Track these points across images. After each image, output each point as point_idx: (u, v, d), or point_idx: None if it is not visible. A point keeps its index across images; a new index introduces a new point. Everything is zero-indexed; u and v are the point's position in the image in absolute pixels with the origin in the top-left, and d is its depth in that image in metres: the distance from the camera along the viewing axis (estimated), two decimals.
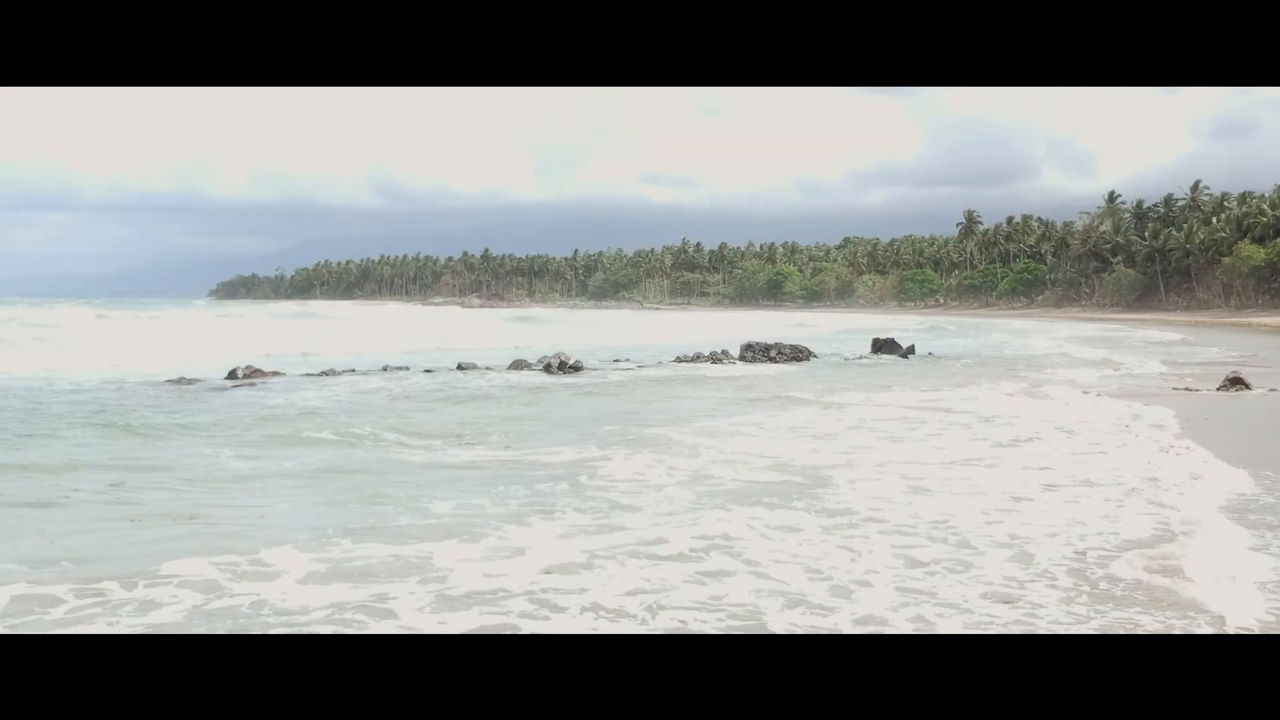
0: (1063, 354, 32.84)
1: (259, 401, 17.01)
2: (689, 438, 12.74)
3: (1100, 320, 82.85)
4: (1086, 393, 18.86)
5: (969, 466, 10.80)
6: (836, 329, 59.30)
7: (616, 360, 27.88)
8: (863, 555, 7.10)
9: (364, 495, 9.27)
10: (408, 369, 23.49)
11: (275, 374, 21.78)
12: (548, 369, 23.55)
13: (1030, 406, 16.60)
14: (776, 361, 27.65)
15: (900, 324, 67.68)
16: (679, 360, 27.24)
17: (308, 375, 21.75)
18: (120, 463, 10.80)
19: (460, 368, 23.99)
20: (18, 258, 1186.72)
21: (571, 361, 24.02)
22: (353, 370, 22.95)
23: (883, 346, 31.35)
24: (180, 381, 20.00)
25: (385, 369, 23.40)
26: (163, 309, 79.66)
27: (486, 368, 24.16)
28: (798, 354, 28.86)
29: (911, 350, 31.12)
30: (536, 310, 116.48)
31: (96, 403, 16.38)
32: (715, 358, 27.44)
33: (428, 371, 23.09)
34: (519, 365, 24.44)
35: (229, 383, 20.34)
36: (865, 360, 29.26)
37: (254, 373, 21.47)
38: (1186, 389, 19.44)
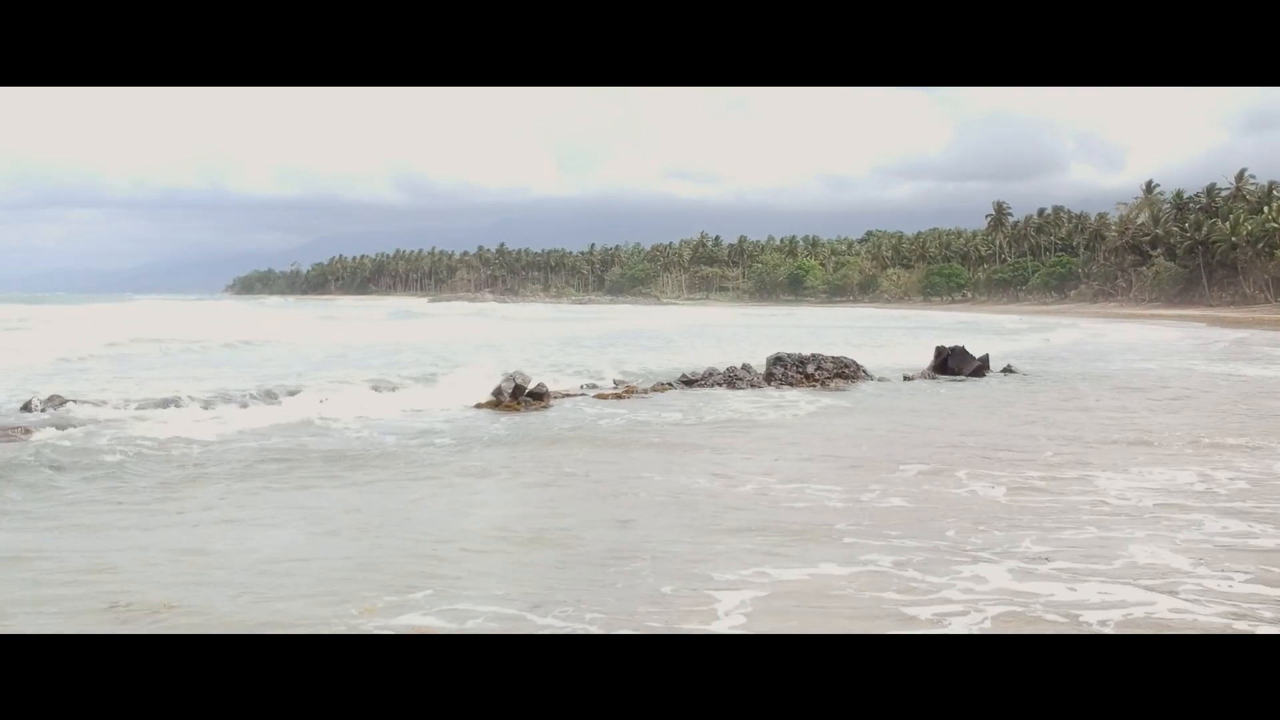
0: (1212, 370, 25.61)
1: None
2: None
3: (1147, 317, 74.79)
4: None
5: None
6: (863, 329, 52.14)
7: (604, 377, 21.05)
8: None
9: None
10: (294, 394, 16.60)
11: (96, 404, 15.04)
12: (496, 399, 16.71)
13: None
14: (816, 381, 20.59)
15: (935, 321, 60.49)
16: (685, 382, 20.23)
17: (140, 411, 14.92)
18: None
19: (377, 389, 17.25)
20: (40, 254, 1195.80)
21: (531, 387, 17.16)
22: (229, 400, 16.12)
23: (949, 359, 24.21)
24: None
25: (267, 391, 16.56)
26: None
27: (419, 393, 17.38)
28: (843, 369, 21.81)
29: (986, 364, 24.00)
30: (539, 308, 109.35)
31: None
32: (733, 376, 20.41)
33: (320, 400, 16.25)
34: (463, 386, 17.66)
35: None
36: (942, 383, 21.92)
37: (58, 404, 14.76)
38: None
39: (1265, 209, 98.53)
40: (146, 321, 45.23)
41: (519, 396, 16.60)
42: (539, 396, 16.88)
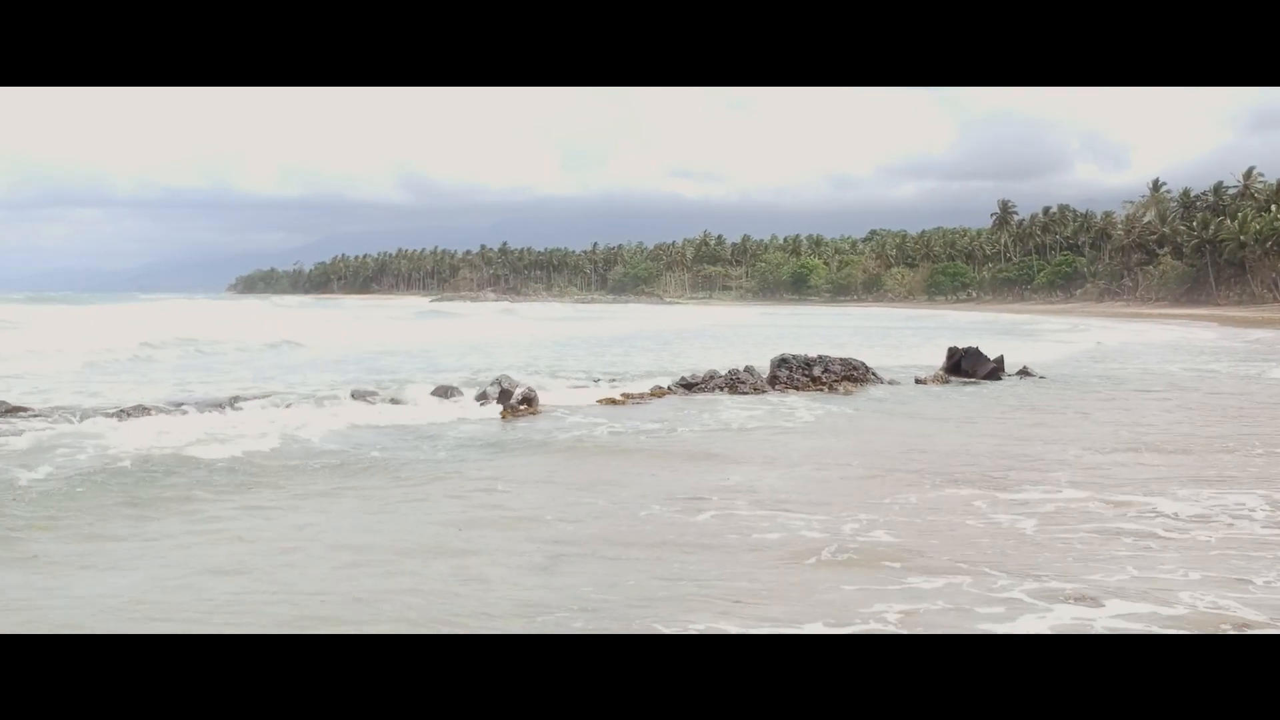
0: (1239, 372, 24.41)
1: None
2: None
3: (1155, 317, 73.39)
4: None
5: None
6: (873, 329, 51.01)
7: (598, 380, 19.99)
8: None
9: None
10: (251, 401, 15.44)
11: (46, 412, 13.94)
12: (481, 406, 15.61)
13: None
14: (823, 384, 19.45)
15: (949, 321, 59.34)
16: (684, 385, 19.09)
17: (78, 424, 13.78)
18: None
19: (353, 396, 16.16)
20: (42, 253, 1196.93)
21: (520, 392, 16.05)
22: (183, 409, 15.03)
23: (963, 360, 23.09)
24: None
25: (234, 397, 15.44)
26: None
27: (393, 400, 16.28)
28: (851, 372, 20.68)
29: (1001, 366, 22.87)
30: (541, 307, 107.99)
31: None
32: (735, 379, 19.26)
33: (284, 405, 15.13)
34: (445, 393, 16.61)
35: None
36: (955, 386, 20.76)
37: (7, 411, 13.69)
38: None
39: (1273, 207, 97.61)
40: (153, 322, 44.03)
41: (505, 403, 15.49)
42: (528, 402, 15.77)
